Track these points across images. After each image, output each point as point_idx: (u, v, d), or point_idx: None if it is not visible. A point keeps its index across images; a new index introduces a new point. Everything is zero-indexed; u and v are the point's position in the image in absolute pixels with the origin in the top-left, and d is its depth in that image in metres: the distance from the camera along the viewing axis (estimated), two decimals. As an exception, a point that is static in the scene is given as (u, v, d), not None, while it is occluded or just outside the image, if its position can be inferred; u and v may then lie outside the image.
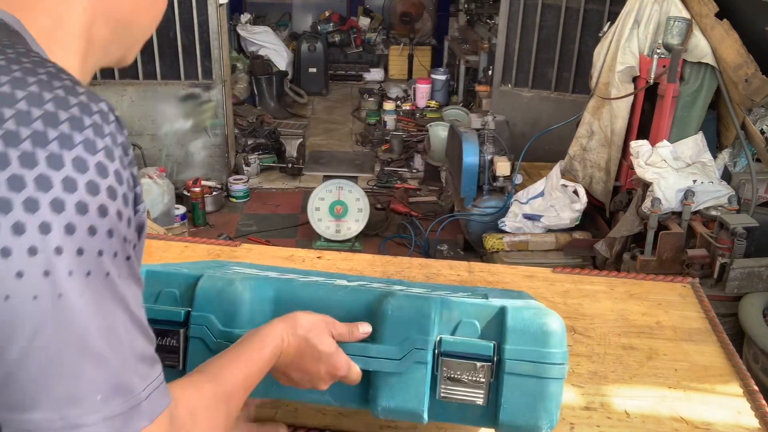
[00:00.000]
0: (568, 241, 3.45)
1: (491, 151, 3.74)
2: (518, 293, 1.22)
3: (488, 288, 1.27)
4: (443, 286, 1.27)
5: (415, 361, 0.90)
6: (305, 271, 1.24)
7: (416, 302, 0.91)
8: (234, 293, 0.94)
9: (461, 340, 0.91)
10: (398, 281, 1.19)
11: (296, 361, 0.86)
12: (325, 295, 0.95)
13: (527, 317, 0.89)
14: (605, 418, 1.21)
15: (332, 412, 1.19)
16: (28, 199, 0.47)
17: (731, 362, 1.37)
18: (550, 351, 0.88)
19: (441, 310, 0.92)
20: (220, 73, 4.64)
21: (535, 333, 0.88)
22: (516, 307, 0.91)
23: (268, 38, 7.23)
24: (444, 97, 6.70)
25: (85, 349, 0.51)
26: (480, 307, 0.92)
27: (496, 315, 0.91)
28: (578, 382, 1.30)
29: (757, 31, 2.79)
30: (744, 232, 2.57)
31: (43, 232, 0.48)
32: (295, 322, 0.85)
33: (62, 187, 0.48)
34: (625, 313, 1.53)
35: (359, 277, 1.23)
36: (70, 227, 0.49)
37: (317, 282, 0.98)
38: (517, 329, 0.89)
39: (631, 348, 1.41)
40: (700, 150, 3.03)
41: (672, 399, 1.26)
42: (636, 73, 3.21)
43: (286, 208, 4.69)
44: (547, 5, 4.57)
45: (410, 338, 0.90)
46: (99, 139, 0.51)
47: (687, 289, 1.66)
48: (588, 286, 1.64)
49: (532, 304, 0.96)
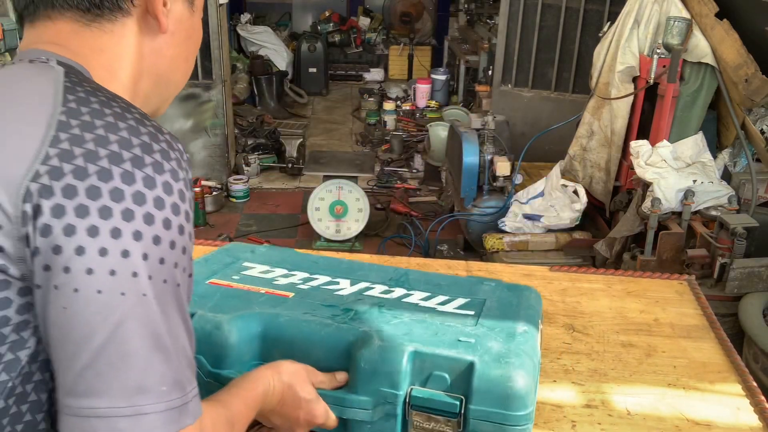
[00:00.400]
0: (568, 241, 3.44)
1: (491, 151, 3.74)
2: (520, 290, 1.23)
3: (493, 283, 1.26)
4: (448, 278, 1.28)
5: (385, 412, 0.96)
6: (315, 258, 1.32)
7: (388, 355, 0.95)
8: (221, 337, 0.99)
9: (430, 395, 0.95)
10: (404, 273, 1.26)
11: (278, 408, 0.92)
12: (309, 334, 1.00)
13: (494, 377, 0.93)
14: (606, 415, 1.21)
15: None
16: (125, 210, 0.58)
17: (729, 359, 1.38)
18: (514, 414, 0.92)
19: (413, 361, 0.95)
20: (220, 73, 4.64)
21: (500, 395, 0.92)
22: (485, 363, 0.94)
23: (268, 38, 7.24)
24: (444, 97, 6.70)
25: (157, 345, 0.59)
26: (451, 361, 0.95)
27: (465, 369, 0.94)
28: (579, 380, 1.31)
29: (757, 31, 2.79)
30: (744, 232, 2.57)
31: (135, 238, 0.58)
32: (280, 368, 0.92)
33: (153, 204, 0.60)
34: (623, 310, 1.54)
35: (363, 275, 1.24)
36: (156, 239, 0.59)
37: (304, 320, 1.03)
38: (482, 390, 0.93)
39: (630, 345, 1.42)
40: (700, 150, 3.03)
41: (672, 396, 1.26)
42: (636, 73, 3.21)
43: (286, 208, 4.69)
44: (547, 5, 4.57)
45: (381, 392, 0.95)
46: (174, 180, 0.62)
47: (684, 286, 1.66)
48: (586, 284, 1.65)
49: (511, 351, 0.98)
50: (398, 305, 1.11)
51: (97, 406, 0.57)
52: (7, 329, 0.58)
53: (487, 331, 1.03)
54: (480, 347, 0.97)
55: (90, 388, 0.57)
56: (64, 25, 0.72)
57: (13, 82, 0.66)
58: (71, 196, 0.57)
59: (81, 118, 0.61)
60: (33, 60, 0.68)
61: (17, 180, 0.57)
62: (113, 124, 0.61)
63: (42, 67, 0.67)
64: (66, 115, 0.61)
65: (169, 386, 0.59)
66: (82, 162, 0.58)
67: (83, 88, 0.64)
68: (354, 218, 3.89)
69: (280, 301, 1.09)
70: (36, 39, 0.72)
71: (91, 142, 0.59)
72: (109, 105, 0.63)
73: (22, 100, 0.63)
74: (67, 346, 0.57)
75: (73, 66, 0.69)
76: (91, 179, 0.58)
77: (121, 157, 0.59)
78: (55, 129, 0.59)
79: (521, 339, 1.02)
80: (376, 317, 1.05)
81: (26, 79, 0.66)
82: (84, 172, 0.58)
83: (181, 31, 0.79)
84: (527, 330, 1.06)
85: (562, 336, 1.43)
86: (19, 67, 0.68)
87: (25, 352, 0.59)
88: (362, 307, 1.09)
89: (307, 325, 1.01)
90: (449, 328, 1.03)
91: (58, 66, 0.67)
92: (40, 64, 0.67)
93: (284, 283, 1.18)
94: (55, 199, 0.57)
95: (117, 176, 0.59)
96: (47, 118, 0.60)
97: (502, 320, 1.08)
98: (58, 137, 0.59)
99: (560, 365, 1.33)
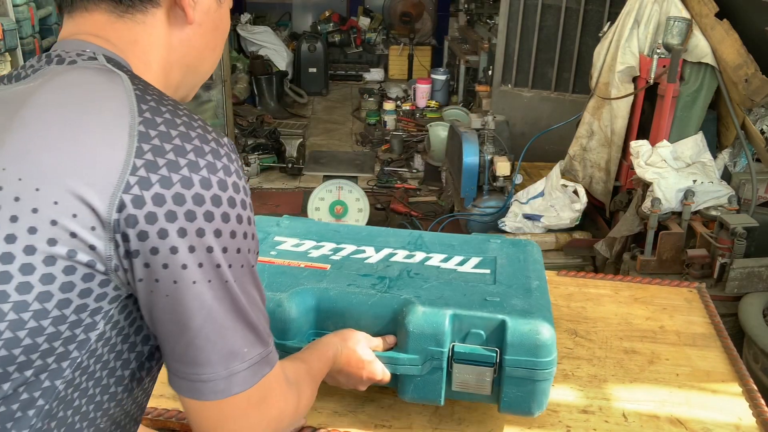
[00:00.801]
0: (568, 241, 3.44)
1: (491, 151, 3.74)
2: (523, 245, 1.39)
3: (498, 240, 1.40)
4: (458, 238, 1.42)
5: (432, 367, 1.12)
6: (335, 227, 1.47)
7: (432, 319, 1.10)
8: (283, 313, 1.13)
9: (470, 349, 1.11)
10: (419, 236, 1.42)
11: (345, 368, 1.08)
12: (358, 305, 1.15)
13: (524, 331, 1.08)
14: (603, 421, 1.20)
15: (327, 411, 1.21)
16: (206, 212, 0.67)
17: (734, 368, 1.35)
18: (542, 360, 1.08)
19: (453, 322, 1.10)
20: (220, 73, 4.64)
21: (530, 346, 1.08)
22: (515, 320, 1.09)
23: (268, 38, 7.23)
24: (444, 97, 6.69)
25: (242, 316, 0.72)
26: (485, 320, 1.10)
27: (498, 326, 1.10)
28: (577, 386, 1.29)
29: (757, 31, 2.79)
30: (744, 232, 2.57)
31: (216, 235, 0.68)
32: (344, 335, 1.10)
33: (228, 204, 0.69)
34: (628, 317, 1.52)
35: (383, 242, 1.39)
36: (233, 233, 0.69)
37: (351, 292, 1.18)
38: (515, 343, 1.08)
39: (633, 352, 1.40)
40: (700, 150, 3.03)
41: (672, 404, 1.25)
42: (636, 73, 3.21)
43: (286, 208, 4.69)
44: (547, 5, 4.57)
45: (428, 350, 1.11)
46: (239, 179, 0.71)
47: (693, 293, 1.64)
48: (592, 289, 1.63)
49: (532, 307, 1.14)
50: (424, 269, 1.27)
51: (201, 373, 0.71)
52: (84, 314, 0.67)
53: (506, 289, 1.19)
54: (506, 305, 1.13)
55: (194, 359, 0.70)
56: (99, 16, 0.76)
57: (89, 91, 0.70)
58: (161, 204, 0.65)
59: (158, 129, 0.67)
60: (81, 53, 0.74)
61: (111, 189, 0.64)
62: (186, 134, 0.68)
63: (108, 74, 0.72)
64: (144, 125, 0.67)
65: (253, 347, 0.73)
66: (167, 171, 0.66)
67: (151, 97, 0.70)
68: (354, 218, 3.89)
69: (322, 275, 1.24)
70: (76, 30, 0.77)
71: (171, 152, 0.67)
72: (177, 114, 0.70)
73: (101, 109, 0.68)
74: (172, 326, 0.69)
75: (121, 63, 0.75)
76: (175, 187, 0.66)
77: (198, 165, 0.67)
78: (138, 140, 0.66)
79: (537, 294, 1.19)
80: (409, 283, 1.21)
81: (100, 87, 0.70)
82: (169, 181, 0.66)
83: (209, 22, 0.83)
84: (539, 284, 1.23)
85: (563, 341, 1.42)
86: (85, 72, 0.72)
87: (95, 333, 0.68)
88: (393, 273, 1.25)
89: (355, 296, 1.16)
90: (474, 287, 1.20)
91: (123, 74, 0.72)
92: (107, 71, 0.72)
93: (317, 255, 1.33)
94: (147, 207, 0.65)
95: (197, 182, 0.67)
96: (128, 128, 0.67)
97: (516, 277, 1.24)
98: (141, 148, 0.66)
99: (559, 370, 1.31)
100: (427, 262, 1.31)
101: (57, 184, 0.64)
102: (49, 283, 0.64)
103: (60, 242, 0.64)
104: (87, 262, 0.65)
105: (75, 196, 0.64)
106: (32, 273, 0.63)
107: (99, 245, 0.65)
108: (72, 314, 0.66)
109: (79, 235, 0.64)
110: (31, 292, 0.63)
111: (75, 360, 0.68)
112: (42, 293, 0.64)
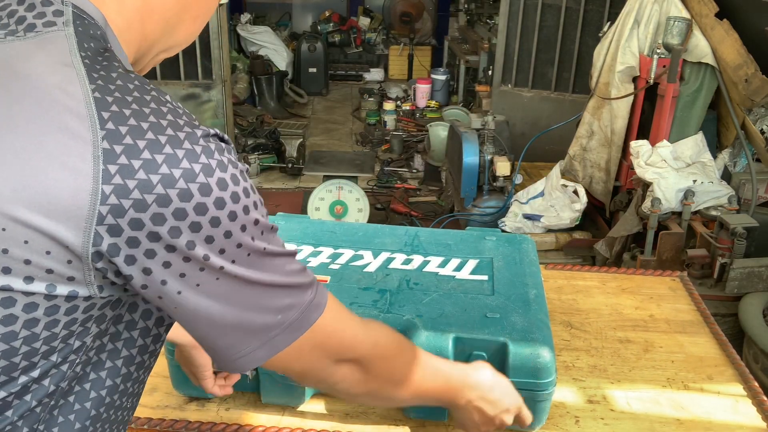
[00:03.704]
0: (568, 241, 3.45)
1: (491, 151, 3.74)
2: (518, 242, 1.42)
3: (494, 237, 1.42)
4: (454, 236, 1.43)
5: None
6: (331, 226, 1.46)
7: (436, 342, 1.11)
8: None
9: None
10: (414, 235, 1.42)
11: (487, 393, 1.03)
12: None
13: (525, 355, 1.10)
14: (608, 410, 1.23)
15: (339, 413, 1.20)
16: (192, 223, 0.61)
17: (725, 352, 1.41)
18: (542, 381, 1.11)
19: (456, 345, 1.12)
20: (220, 73, 4.64)
21: (531, 368, 1.10)
22: (515, 342, 1.11)
23: (268, 38, 7.23)
24: (444, 97, 6.69)
25: (265, 289, 0.68)
26: (487, 342, 1.12)
27: (499, 348, 1.11)
28: (579, 376, 1.32)
29: (757, 31, 2.79)
30: (744, 232, 2.57)
31: (207, 242, 0.62)
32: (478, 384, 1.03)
33: (215, 207, 0.63)
34: (618, 307, 1.56)
35: (381, 243, 1.40)
36: (228, 233, 0.63)
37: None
38: (516, 366, 1.10)
39: (628, 341, 1.43)
40: (700, 150, 3.03)
41: (671, 390, 1.29)
42: (636, 73, 3.21)
43: (286, 208, 4.68)
44: (547, 5, 4.57)
45: None
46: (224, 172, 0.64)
47: (677, 282, 1.69)
48: (580, 281, 1.67)
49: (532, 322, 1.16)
50: (422, 277, 1.28)
51: (241, 350, 0.69)
52: (73, 339, 0.65)
53: (505, 302, 1.21)
54: (506, 323, 1.15)
55: (229, 345, 0.69)
56: None
57: (37, 101, 0.59)
58: (140, 228, 0.59)
59: (123, 142, 0.59)
60: (48, 2, 0.63)
61: (81, 223, 0.58)
62: (155, 141, 0.59)
63: (62, 71, 0.60)
64: (108, 140, 0.58)
65: (286, 311, 0.70)
66: (139, 194, 0.58)
67: (113, 97, 0.60)
68: (354, 218, 3.89)
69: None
70: None
71: (140, 171, 0.58)
72: (142, 117, 0.60)
73: (56, 125, 0.58)
74: (199, 327, 0.68)
75: (87, 21, 0.65)
76: (152, 208, 0.59)
77: (173, 178, 0.59)
78: (103, 161, 0.58)
79: (536, 307, 1.20)
80: (409, 297, 1.22)
81: (50, 95, 0.59)
82: (144, 204, 0.59)
83: None
84: (537, 293, 1.24)
85: (560, 333, 1.44)
86: (35, 65, 0.60)
87: (89, 338, 0.66)
88: (393, 284, 1.26)
89: (361, 312, 1.15)
90: (473, 300, 1.21)
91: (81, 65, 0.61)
92: (60, 66, 0.61)
93: (316, 264, 1.32)
94: (126, 233, 0.59)
95: (175, 197, 0.59)
96: (91, 148, 0.58)
97: (514, 286, 1.25)
98: (108, 171, 0.58)
99: (560, 362, 1.34)
100: (425, 268, 1.31)
101: (21, 221, 0.58)
102: (32, 316, 0.61)
103: (37, 279, 0.60)
104: (68, 293, 0.62)
105: (43, 234, 0.58)
106: (12, 306, 0.60)
107: (78, 275, 0.61)
108: (59, 341, 0.64)
109: (56, 270, 0.60)
110: (16, 323, 0.61)
111: (72, 363, 0.66)
112: (28, 320, 0.61)
